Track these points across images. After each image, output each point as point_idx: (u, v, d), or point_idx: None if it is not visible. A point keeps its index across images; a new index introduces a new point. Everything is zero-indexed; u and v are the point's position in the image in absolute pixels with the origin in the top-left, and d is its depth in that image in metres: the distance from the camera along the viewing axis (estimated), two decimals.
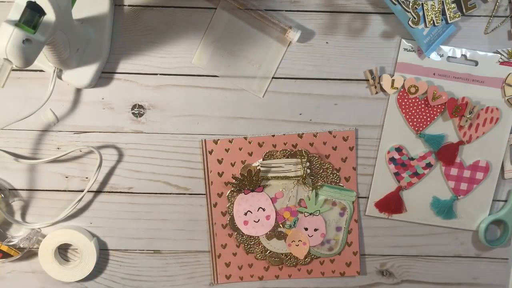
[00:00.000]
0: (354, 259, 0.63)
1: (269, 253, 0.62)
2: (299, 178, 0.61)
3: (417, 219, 0.62)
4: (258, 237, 0.62)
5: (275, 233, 0.62)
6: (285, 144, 0.61)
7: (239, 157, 0.61)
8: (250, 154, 0.61)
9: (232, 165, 0.61)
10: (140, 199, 0.62)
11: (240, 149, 0.61)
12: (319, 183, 0.61)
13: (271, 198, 0.61)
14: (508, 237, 0.62)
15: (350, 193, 0.61)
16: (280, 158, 0.61)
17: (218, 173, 0.61)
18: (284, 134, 0.61)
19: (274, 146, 0.61)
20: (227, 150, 0.61)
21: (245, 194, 0.61)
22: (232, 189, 0.61)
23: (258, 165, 0.61)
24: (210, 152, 0.61)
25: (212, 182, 0.61)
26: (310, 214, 0.61)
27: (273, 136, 0.61)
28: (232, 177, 0.61)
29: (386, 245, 0.64)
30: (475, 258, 0.64)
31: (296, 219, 0.62)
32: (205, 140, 0.60)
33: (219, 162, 0.61)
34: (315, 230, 0.62)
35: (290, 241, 0.62)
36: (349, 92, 0.61)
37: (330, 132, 0.61)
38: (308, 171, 0.60)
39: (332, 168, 0.61)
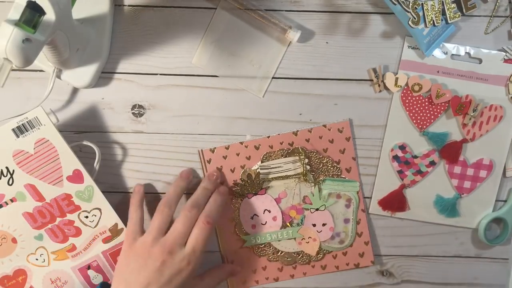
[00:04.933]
0: (367, 249, 0.62)
1: (281, 253, 0.62)
2: (300, 176, 0.60)
3: (420, 217, 0.62)
4: None
5: None
6: (281, 143, 0.61)
7: (238, 162, 0.61)
8: (248, 158, 0.61)
9: (232, 171, 0.61)
10: None
11: (237, 154, 0.61)
12: (321, 178, 0.61)
13: (275, 199, 0.61)
14: (507, 236, 0.62)
15: (353, 183, 0.61)
16: (278, 158, 0.61)
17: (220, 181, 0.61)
18: (279, 134, 0.61)
19: (271, 147, 0.61)
20: (224, 157, 0.61)
21: (249, 198, 0.61)
22: (236, 194, 0.61)
23: (257, 168, 0.61)
24: (209, 162, 0.61)
25: None
26: (316, 209, 0.61)
27: (268, 137, 0.60)
28: (233, 183, 0.61)
29: (386, 245, 0.64)
30: (475, 258, 0.64)
31: (303, 216, 0.62)
32: (202, 150, 0.60)
33: (219, 170, 0.61)
34: (323, 225, 0.62)
35: (300, 239, 0.62)
36: (349, 92, 0.61)
37: (324, 126, 0.60)
38: (308, 167, 0.60)
39: (332, 161, 0.61)
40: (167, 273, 0.52)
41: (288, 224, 0.62)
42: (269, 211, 0.61)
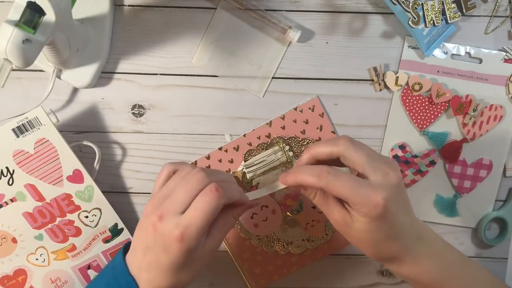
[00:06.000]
0: None
1: (290, 244, 0.62)
2: (285, 164, 0.60)
3: (420, 217, 0.62)
4: (273, 234, 0.62)
5: (287, 223, 0.62)
6: (258, 138, 0.61)
7: (222, 168, 0.61)
8: (231, 161, 0.61)
9: None
10: (140, 199, 0.62)
11: (219, 160, 0.61)
12: None
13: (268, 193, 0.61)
14: (507, 235, 0.62)
15: None
16: (259, 153, 0.60)
17: None
18: (253, 130, 0.60)
19: (250, 144, 0.61)
20: (208, 168, 0.61)
21: None
22: None
23: (242, 168, 0.61)
24: None
25: None
26: None
27: (245, 135, 0.60)
28: None
29: None
30: (475, 258, 0.64)
31: (300, 201, 0.61)
32: None
33: None
34: None
35: (305, 224, 0.62)
36: (349, 92, 0.61)
37: (295, 109, 0.60)
38: (291, 153, 0.60)
39: (312, 141, 0.61)
40: (160, 241, 0.42)
41: (288, 213, 0.61)
42: (266, 206, 0.61)
